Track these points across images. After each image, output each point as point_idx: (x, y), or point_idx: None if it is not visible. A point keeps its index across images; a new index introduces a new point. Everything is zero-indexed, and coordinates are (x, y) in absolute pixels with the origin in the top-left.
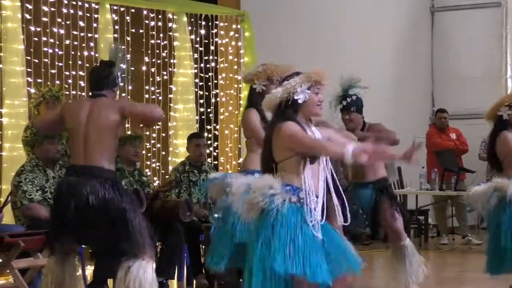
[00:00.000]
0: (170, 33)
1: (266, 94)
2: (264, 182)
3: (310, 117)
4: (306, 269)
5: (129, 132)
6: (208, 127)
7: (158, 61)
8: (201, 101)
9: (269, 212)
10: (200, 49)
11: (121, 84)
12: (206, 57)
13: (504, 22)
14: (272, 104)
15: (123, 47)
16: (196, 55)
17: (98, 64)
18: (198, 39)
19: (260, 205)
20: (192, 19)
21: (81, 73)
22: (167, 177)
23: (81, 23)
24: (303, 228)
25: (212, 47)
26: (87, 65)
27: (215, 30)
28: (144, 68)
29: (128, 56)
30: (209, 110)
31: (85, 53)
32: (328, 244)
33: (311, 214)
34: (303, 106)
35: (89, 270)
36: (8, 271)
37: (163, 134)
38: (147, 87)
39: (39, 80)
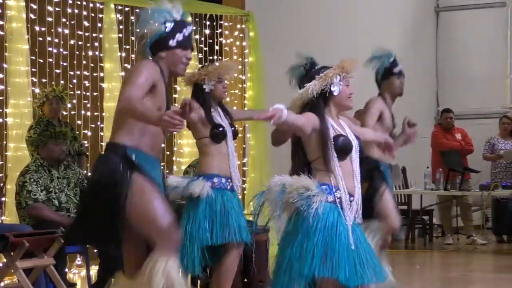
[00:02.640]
0: None
1: (215, 92)
2: (300, 183)
3: (340, 111)
4: (340, 272)
5: None
6: None
7: None
8: None
9: (304, 213)
10: (205, 49)
11: None
12: (211, 57)
13: (509, 22)
14: (303, 100)
15: (127, 47)
16: (200, 55)
17: None
18: (202, 39)
19: (295, 205)
20: (196, 19)
21: (85, 73)
22: None
23: (86, 23)
24: (338, 229)
25: (216, 47)
26: (92, 65)
27: (220, 30)
28: None
29: (133, 56)
30: None
31: (90, 53)
32: (359, 247)
33: (347, 215)
34: (335, 99)
35: (93, 270)
36: (12, 271)
37: (167, 134)
38: None
39: (43, 80)
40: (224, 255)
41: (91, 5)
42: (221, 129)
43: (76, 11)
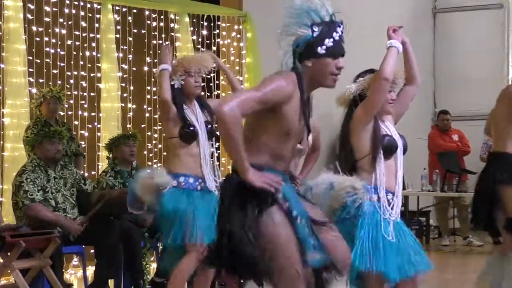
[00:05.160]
0: (172, 34)
1: (186, 88)
2: (347, 181)
3: (381, 114)
4: (383, 267)
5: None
6: None
7: None
8: None
9: (350, 210)
10: (202, 49)
11: None
12: None
13: (506, 23)
14: (345, 100)
15: (124, 47)
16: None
17: None
18: (200, 39)
19: (342, 201)
20: (194, 20)
21: (82, 73)
22: None
23: (83, 23)
24: (381, 226)
25: (214, 48)
26: (89, 65)
27: (217, 31)
28: (146, 68)
29: (130, 56)
30: None
31: (87, 53)
32: (401, 242)
33: (388, 212)
34: None
35: (90, 270)
36: (9, 271)
37: (164, 135)
38: (148, 88)
39: (41, 80)
40: (184, 256)
41: (88, 5)
42: (191, 128)
43: (73, 11)
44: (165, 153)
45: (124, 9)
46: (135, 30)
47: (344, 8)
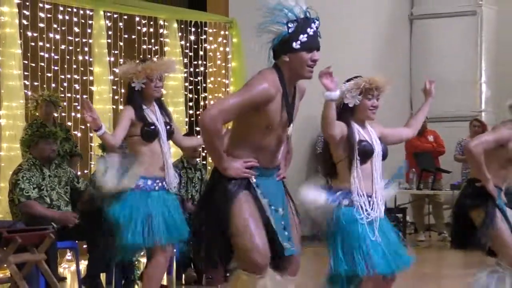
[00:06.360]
0: (161, 39)
1: (146, 90)
2: (311, 196)
3: (365, 120)
4: (370, 267)
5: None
6: (197, 128)
7: None
8: (191, 103)
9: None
10: (190, 54)
11: None
12: (196, 62)
13: (479, 30)
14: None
15: (115, 52)
16: (186, 60)
17: None
18: (188, 44)
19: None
20: (182, 26)
21: (76, 76)
22: None
23: (76, 29)
24: (355, 228)
25: (201, 52)
26: (82, 69)
27: (204, 36)
28: None
29: (121, 60)
30: (198, 112)
31: (80, 58)
32: (382, 240)
33: (364, 215)
34: (356, 110)
35: (83, 264)
36: (5, 265)
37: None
38: None
39: (35, 83)
40: (150, 259)
41: (81, 12)
42: (152, 127)
43: (67, 17)
44: None
45: (115, 16)
46: (126, 36)
47: (323, 16)
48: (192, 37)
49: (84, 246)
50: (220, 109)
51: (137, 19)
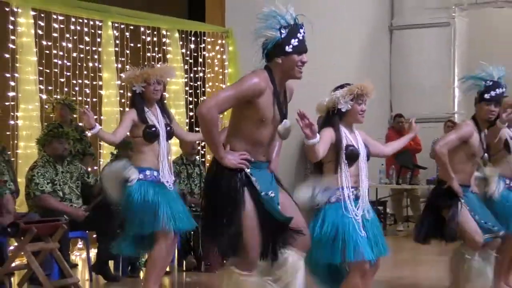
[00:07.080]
0: (164, 48)
1: (146, 93)
2: (302, 195)
3: (354, 123)
4: (346, 255)
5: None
6: (197, 128)
7: None
8: (191, 106)
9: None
10: (190, 61)
11: None
12: (195, 68)
13: (452, 40)
14: (322, 110)
15: (122, 59)
16: (186, 67)
17: None
18: (188, 52)
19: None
20: (183, 35)
21: (86, 81)
22: None
23: (87, 38)
24: (342, 222)
25: (200, 60)
26: (92, 74)
27: (203, 45)
28: None
29: (127, 67)
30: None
31: (90, 64)
32: (368, 231)
33: (352, 209)
34: (347, 114)
35: (93, 252)
36: (23, 253)
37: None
38: None
39: (49, 88)
40: (154, 244)
41: (91, 22)
42: (153, 129)
43: (78, 28)
44: None
45: (122, 26)
46: (132, 44)
47: (309, 27)
48: (192, 46)
49: (94, 235)
50: (216, 100)
51: (142, 29)
